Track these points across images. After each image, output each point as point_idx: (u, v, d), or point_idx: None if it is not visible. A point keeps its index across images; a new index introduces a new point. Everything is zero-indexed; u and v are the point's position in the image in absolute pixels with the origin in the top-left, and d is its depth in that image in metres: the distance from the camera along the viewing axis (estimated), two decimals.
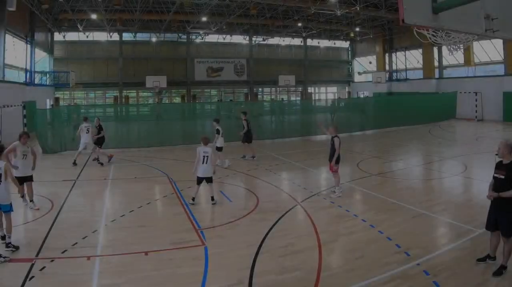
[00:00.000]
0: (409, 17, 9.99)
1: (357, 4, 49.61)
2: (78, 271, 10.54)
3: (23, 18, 48.28)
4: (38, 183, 19.66)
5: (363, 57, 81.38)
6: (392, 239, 12.19)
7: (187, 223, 14.37)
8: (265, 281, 9.92)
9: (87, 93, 71.10)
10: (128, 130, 38.55)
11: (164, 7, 57.88)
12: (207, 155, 17.25)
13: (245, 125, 26.59)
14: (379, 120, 45.29)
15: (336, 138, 17.89)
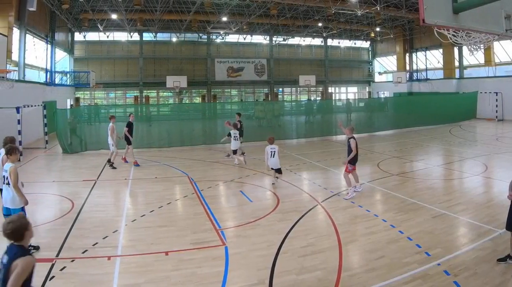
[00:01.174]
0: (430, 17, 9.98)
1: (377, 4, 49.45)
2: (98, 271, 10.59)
3: (43, 18, 48.64)
4: (59, 183, 19.85)
5: (383, 57, 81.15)
6: (413, 239, 12.17)
7: (208, 223, 14.36)
8: (285, 281, 9.90)
9: (107, 93, 71.25)
10: (148, 130, 38.66)
11: (185, 7, 57.95)
12: (274, 150, 18.83)
13: None
14: (399, 120, 45.25)
15: (352, 139, 17.81)
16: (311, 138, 36.69)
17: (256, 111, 45.09)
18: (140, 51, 69.56)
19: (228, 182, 20.81)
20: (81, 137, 32.07)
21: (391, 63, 78.15)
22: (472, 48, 11.97)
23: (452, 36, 11.07)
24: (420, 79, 69.85)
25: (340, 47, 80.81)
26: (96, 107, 54.22)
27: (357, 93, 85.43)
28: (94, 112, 45.19)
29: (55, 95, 48.06)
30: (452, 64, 62.48)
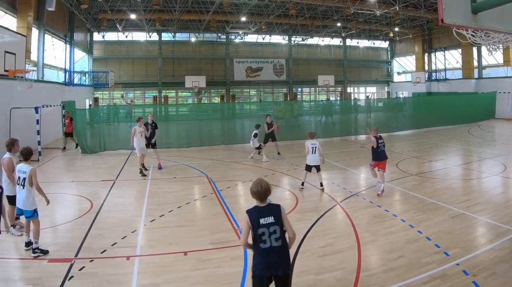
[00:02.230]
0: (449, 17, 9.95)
1: (396, 4, 49.42)
2: (117, 271, 10.65)
3: (62, 18, 48.93)
4: (78, 183, 19.94)
5: (402, 57, 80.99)
6: (432, 239, 12.15)
7: (227, 223, 14.41)
8: (304, 281, 9.92)
9: (126, 93, 71.37)
10: (167, 131, 38.71)
11: (203, 7, 58.31)
12: (315, 146, 18.60)
13: None
14: (418, 120, 45.19)
15: (374, 138, 18.72)
16: (330, 138, 36.64)
17: (275, 111, 45.16)
18: (159, 51, 69.93)
19: (247, 182, 20.69)
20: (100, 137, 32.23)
21: (409, 63, 78.01)
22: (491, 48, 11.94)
23: (470, 36, 11.05)
24: (439, 79, 69.66)
25: (358, 47, 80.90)
26: (115, 107, 54.47)
27: (375, 93, 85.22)
28: (113, 112, 45.40)
29: (74, 95, 48.22)
30: (471, 64, 62.31)
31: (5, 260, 11.30)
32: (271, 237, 7.46)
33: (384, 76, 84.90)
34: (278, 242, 7.53)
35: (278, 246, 7.50)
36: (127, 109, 53.76)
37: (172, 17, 59.60)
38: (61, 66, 49.73)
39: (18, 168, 12.01)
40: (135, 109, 51.85)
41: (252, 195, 7.89)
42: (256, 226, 7.54)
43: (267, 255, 7.52)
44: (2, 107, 26.67)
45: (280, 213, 7.78)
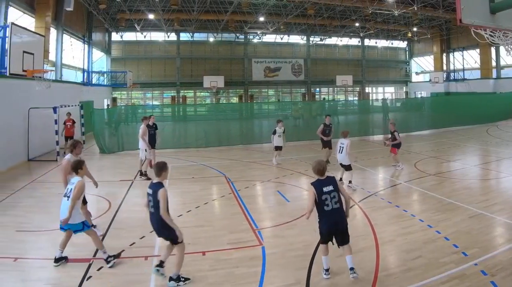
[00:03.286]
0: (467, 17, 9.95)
1: (414, 4, 49.34)
2: (135, 271, 10.73)
3: (80, 18, 49.29)
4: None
5: (420, 57, 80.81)
6: (450, 239, 12.13)
7: (245, 223, 14.43)
8: (323, 281, 9.94)
9: (145, 93, 71.97)
10: (185, 131, 38.78)
11: (222, 7, 58.63)
12: (343, 146, 19.17)
13: None
14: (436, 120, 45.10)
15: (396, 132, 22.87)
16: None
17: (293, 111, 45.17)
18: (177, 51, 70.24)
19: (265, 182, 20.89)
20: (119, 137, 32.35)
21: (428, 63, 77.90)
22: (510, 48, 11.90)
23: (489, 36, 11.03)
24: (457, 79, 69.63)
25: (377, 47, 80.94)
26: (134, 107, 54.65)
27: (394, 93, 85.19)
28: (131, 112, 45.57)
29: (92, 95, 48.56)
30: (489, 64, 62.26)
31: (23, 260, 11.39)
32: (332, 201, 9.64)
33: (402, 76, 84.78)
34: (337, 204, 9.68)
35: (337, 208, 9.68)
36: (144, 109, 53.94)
37: (191, 17, 59.90)
38: (80, 66, 49.97)
39: (71, 180, 11.66)
40: (153, 109, 52.08)
41: (315, 172, 10.17)
42: (320, 193, 9.60)
43: (331, 215, 9.67)
44: (21, 107, 26.85)
45: (336, 183, 10.10)
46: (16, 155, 25.83)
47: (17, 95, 26.46)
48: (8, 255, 11.51)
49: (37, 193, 18.83)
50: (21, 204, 17.15)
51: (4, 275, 10.44)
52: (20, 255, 11.63)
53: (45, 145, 28.37)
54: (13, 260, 11.24)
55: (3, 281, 10.12)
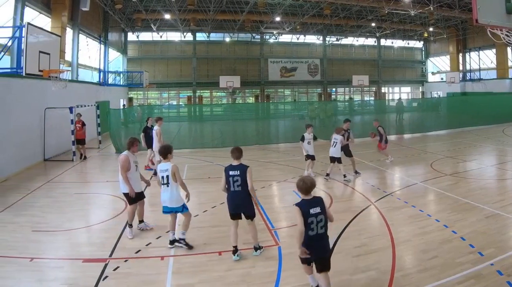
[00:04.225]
0: (483, 17, 9.97)
1: (431, 4, 49.18)
2: (151, 271, 10.76)
3: (96, 18, 49.58)
4: (112, 183, 20.09)
5: (436, 57, 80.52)
6: (466, 239, 12.11)
7: (261, 223, 14.44)
8: (339, 281, 9.94)
9: (161, 93, 72.13)
10: (202, 131, 38.84)
11: (238, 7, 58.45)
12: (336, 141, 20.59)
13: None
14: (452, 120, 45.04)
15: (380, 127, 23.78)
16: (363, 139, 36.49)
17: (309, 111, 45.18)
18: (193, 51, 70.40)
19: (282, 182, 20.96)
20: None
21: (444, 63, 77.56)
22: None
23: (505, 36, 11.03)
24: (473, 79, 69.39)
25: (393, 47, 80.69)
26: (150, 107, 54.80)
27: (410, 93, 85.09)
28: (147, 112, 45.78)
29: (108, 95, 48.82)
30: (506, 64, 62.04)
31: (40, 260, 11.45)
32: (318, 225, 8.68)
33: (419, 76, 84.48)
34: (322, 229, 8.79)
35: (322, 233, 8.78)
36: (160, 109, 54.13)
37: (207, 17, 59.89)
38: (96, 66, 50.18)
39: (159, 167, 12.37)
40: (169, 110, 52.28)
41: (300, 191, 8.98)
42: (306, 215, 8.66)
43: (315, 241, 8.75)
44: (37, 107, 27.00)
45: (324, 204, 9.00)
46: (32, 155, 25.98)
47: (33, 96, 26.60)
48: (24, 255, 11.61)
49: (53, 193, 18.90)
50: (37, 204, 17.26)
51: (21, 275, 10.52)
52: (36, 255, 11.71)
53: (61, 145, 28.49)
54: (29, 260, 11.32)
55: (19, 281, 10.21)
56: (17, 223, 14.55)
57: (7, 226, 14.29)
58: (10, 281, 10.13)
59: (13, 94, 23.89)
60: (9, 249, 12.16)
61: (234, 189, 11.58)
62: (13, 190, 19.90)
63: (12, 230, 13.80)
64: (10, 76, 23.81)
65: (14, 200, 17.84)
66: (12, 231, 13.70)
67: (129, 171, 12.99)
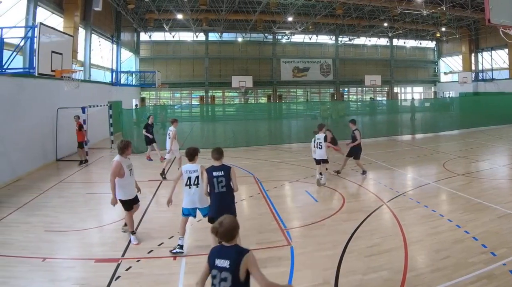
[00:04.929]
0: (495, 17, 9.98)
1: (443, 4, 49.10)
2: (164, 271, 10.80)
3: (109, 18, 49.81)
4: None
5: (449, 57, 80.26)
6: (478, 239, 12.09)
7: (273, 223, 14.47)
8: (351, 281, 9.95)
9: (173, 93, 72.32)
10: (214, 131, 38.85)
11: (250, 7, 58.64)
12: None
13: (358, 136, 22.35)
14: (465, 120, 45.00)
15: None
16: (376, 138, 36.56)
17: (321, 111, 45.19)
18: (206, 51, 70.60)
19: (294, 182, 20.92)
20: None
21: (456, 63, 77.30)
22: None
23: None
24: (486, 79, 69.18)
25: (405, 47, 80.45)
26: (162, 107, 54.88)
27: (422, 93, 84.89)
28: (160, 112, 45.86)
29: (121, 95, 49.01)
30: None
31: (52, 260, 11.52)
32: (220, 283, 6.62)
33: (431, 76, 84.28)
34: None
35: None
36: (173, 109, 54.29)
37: (219, 17, 60.01)
38: (108, 66, 50.33)
39: (185, 168, 12.31)
40: (182, 110, 52.42)
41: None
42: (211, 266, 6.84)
43: None
44: (49, 107, 27.12)
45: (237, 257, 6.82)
46: (44, 155, 26.10)
47: (45, 96, 26.69)
48: (37, 255, 11.67)
49: (66, 193, 18.99)
50: (49, 204, 17.34)
51: (33, 275, 10.58)
52: (48, 255, 11.77)
53: (73, 145, 28.41)
54: (41, 260, 11.38)
55: (32, 281, 10.27)
56: (30, 223, 14.63)
57: (20, 226, 14.37)
58: (22, 281, 10.20)
59: (26, 94, 23.98)
60: (21, 249, 12.23)
61: (219, 190, 11.27)
62: (25, 190, 19.99)
63: (25, 230, 13.88)
64: (22, 76, 23.89)
65: (27, 200, 17.93)
66: (24, 231, 13.78)
67: (123, 176, 12.80)
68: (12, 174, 21.70)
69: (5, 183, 20.83)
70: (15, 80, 22.98)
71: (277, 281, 9.83)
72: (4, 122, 21.27)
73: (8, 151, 21.47)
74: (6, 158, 21.30)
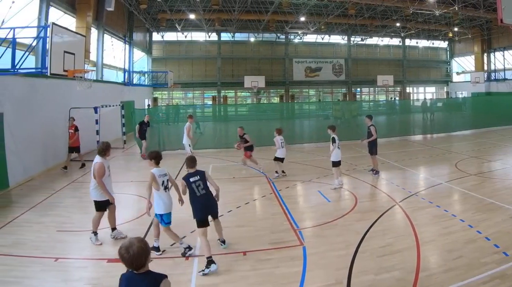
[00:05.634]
0: (508, 17, 10.01)
1: (455, 4, 48.99)
2: (176, 271, 10.79)
3: (121, 18, 49.79)
4: (136, 183, 20.24)
5: (461, 57, 79.97)
6: (491, 239, 12.08)
7: (286, 223, 14.49)
8: (363, 281, 9.96)
9: (185, 93, 72.67)
10: (226, 131, 38.85)
11: (262, 7, 58.71)
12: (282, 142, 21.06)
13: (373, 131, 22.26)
14: (477, 120, 44.88)
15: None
16: (389, 138, 36.51)
17: (334, 111, 45.18)
18: (218, 51, 70.70)
19: (306, 182, 20.97)
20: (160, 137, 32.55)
21: (469, 63, 77.02)
22: None
23: None
24: (498, 79, 68.93)
25: (418, 47, 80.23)
26: (176, 107, 55.03)
27: (435, 93, 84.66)
28: (172, 112, 45.85)
29: (133, 95, 49.21)
30: None
31: (65, 260, 11.61)
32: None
33: (443, 76, 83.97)
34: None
35: None
36: (185, 109, 54.36)
37: (231, 17, 60.01)
38: (120, 66, 50.46)
39: (157, 172, 12.28)
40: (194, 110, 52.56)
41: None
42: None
43: None
44: (62, 107, 27.23)
45: None
46: (57, 155, 26.18)
47: (58, 96, 26.79)
48: (49, 255, 11.77)
49: (78, 193, 19.12)
50: (62, 204, 17.48)
51: (45, 275, 10.67)
52: (61, 255, 11.86)
53: (85, 145, 28.43)
54: (54, 260, 11.48)
55: (44, 281, 10.35)
56: (42, 223, 14.76)
57: (32, 226, 14.48)
58: (35, 281, 10.27)
59: (38, 94, 24.10)
60: (34, 249, 12.33)
61: (200, 193, 11.67)
62: (38, 190, 20.17)
63: (37, 230, 13.99)
64: (35, 76, 23.98)
65: (39, 199, 18.08)
66: (37, 231, 13.89)
67: (103, 176, 12.92)
68: (24, 174, 21.87)
69: (17, 183, 21.01)
70: (27, 80, 23.08)
71: (290, 281, 9.91)
72: (17, 122, 21.37)
73: (21, 151, 21.59)
74: (19, 158, 21.43)
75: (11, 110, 21.02)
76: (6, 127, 20.42)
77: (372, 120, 22.63)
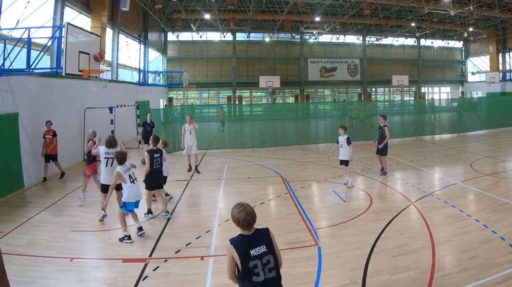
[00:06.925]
0: None
1: (470, 4, 48.84)
2: (191, 271, 10.87)
3: (136, 18, 50.03)
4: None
5: (476, 57, 79.67)
6: (506, 239, 12.07)
7: (301, 223, 14.51)
8: (378, 281, 9.99)
9: (200, 93, 72.72)
10: (241, 131, 38.86)
11: (277, 7, 58.64)
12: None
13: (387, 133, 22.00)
14: (492, 120, 44.62)
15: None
16: (404, 138, 36.54)
17: (349, 111, 45.18)
18: (233, 51, 70.76)
19: (321, 182, 20.97)
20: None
21: (484, 63, 76.82)
22: None
23: None
24: None
25: (433, 47, 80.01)
26: (190, 107, 55.10)
27: (450, 93, 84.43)
28: (187, 112, 46.08)
29: (148, 95, 49.30)
30: None
31: (80, 260, 11.70)
32: (264, 268, 6.53)
33: (458, 76, 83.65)
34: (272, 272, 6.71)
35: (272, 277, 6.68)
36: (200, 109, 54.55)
37: (246, 17, 60.10)
38: (135, 66, 50.40)
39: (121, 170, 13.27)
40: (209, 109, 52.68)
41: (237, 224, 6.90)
42: (246, 258, 6.52)
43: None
44: (77, 107, 27.45)
45: (271, 239, 7.03)
46: (72, 155, 26.37)
47: (73, 96, 26.91)
48: (64, 255, 11.86)
49: (93, 193, 19.01)
50: (76, 204, 17.61)
51: (61, 275, 10.75)
52: (76, 255, 11.96)
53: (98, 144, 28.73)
54: (69, 260, 11.56)
55: (59, 281, 10.41)
56: (57, 223, 14.89)
57: (47, 226, 14.61)
58: (50, 281, 10.35)
59: (54, 94, 24.22)
60: (49, 249, 12.43)
61: (156, 167, 15.66)
62: (53, 190, 20.41)
63: (52, 230, 14.11)
64: (50, 76, 24.09)
65: (54, 200, 18.27)
66: (52, 231, 14.01)
67: None
68: (40, 174, 21.98)
69: (32, 183, 21.21)
70: (42, 80, 23.19)
71: (305, 281, 9.93)
72: (32, 123, 21.50)
73: (36, 151, 21.72)
74: (34, 158, 21.62)
75: (26, 110, 21.14)
76: (21, 127, 20.53)
77: (386, 120, 22.47)
